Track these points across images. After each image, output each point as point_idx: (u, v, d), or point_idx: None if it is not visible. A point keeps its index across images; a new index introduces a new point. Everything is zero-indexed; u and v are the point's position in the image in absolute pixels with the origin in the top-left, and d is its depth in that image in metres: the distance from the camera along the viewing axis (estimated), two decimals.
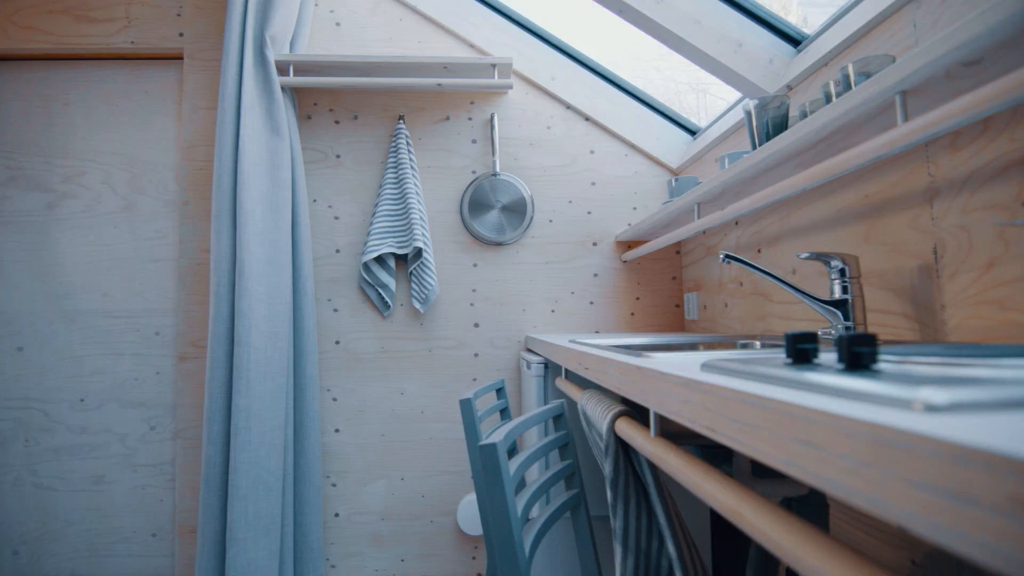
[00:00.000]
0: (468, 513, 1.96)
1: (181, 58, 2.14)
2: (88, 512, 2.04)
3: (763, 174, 1.21)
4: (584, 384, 1.37)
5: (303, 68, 1.99)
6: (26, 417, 2.04)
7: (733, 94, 1.81)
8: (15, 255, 2.09)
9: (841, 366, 0.44)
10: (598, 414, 0.97)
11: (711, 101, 2.24)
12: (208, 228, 2.03)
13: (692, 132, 2.13)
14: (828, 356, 0.58)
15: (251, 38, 1.89)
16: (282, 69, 1.95)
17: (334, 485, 2.01)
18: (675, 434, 0.89)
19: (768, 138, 1.19)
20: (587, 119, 2.13)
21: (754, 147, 1.22)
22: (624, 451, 0.94)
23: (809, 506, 1.01)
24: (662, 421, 0.75)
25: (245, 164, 1.81)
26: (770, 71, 1.50)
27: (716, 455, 1.09)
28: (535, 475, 1.49)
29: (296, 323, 1.92)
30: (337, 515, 2.00)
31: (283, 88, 1.95)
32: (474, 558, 2.00)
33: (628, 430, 0.83)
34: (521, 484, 1.17)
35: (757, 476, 1.07)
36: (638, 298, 2.10)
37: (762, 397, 0.40)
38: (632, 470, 0.93)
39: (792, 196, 1.23)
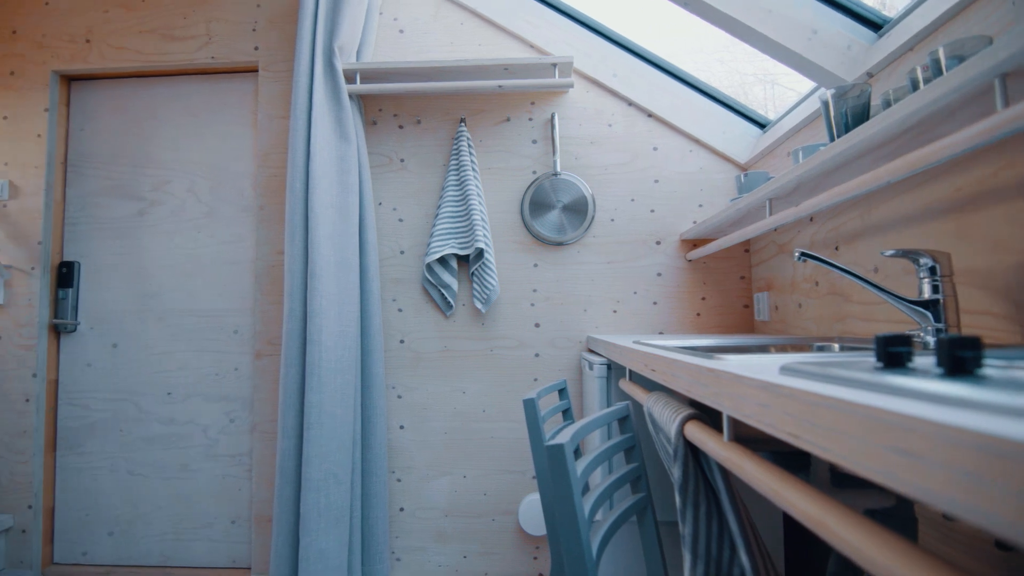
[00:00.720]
0: (530, 513, 1.96)
1: (256, 70, 2.25)
2: (174, 498, 2.19)
3: (841, 167, 1.15)
4: (649, 386, 1.34)
5: (369, 75, 2.05)
6: (121, 408, 2.21)
7: (805, 84, 1.72)
8: (109, 259, 2.27)
9: (940, 371, 0.41)
10: (666, 417, 0.94)
11: (780, 92, 2.15)
12: (282, 231, 2.13)
13: (761, 125, 2.05)
14: (923, 360, 0.54)
15: (321, 48, 1.97)
16: (349, 77, 2.02)
17: (399, 480, 2.06)
18: (748, 439, 0.86)
19: (847, 129, 1.13)
20: (649, 115, 2.09)
21: (832, 139, 1.16)
22: (694, 455, 0.91)
23: (895, 519, 0.95)
24: (736, 425, 0.73)
25: (316, 170, 1.89)
26: (848, 58, 1.42)
27: (791, 462, 1.04)
28: (597, 479, 1.48)
29: (363, 322, 1.99)
30: (402, 510, 2.05)
31: (350, 95, 2.02)
32: (535, 558, 2.00)
33: (699, 434, 0.80)
34: (584, 488, 1.16)
35: (836, 486, 1.02)
36: (704, 298, 2.04)
37: (854, 403, 0.37)
38: (702, 475, 0.91)
39: (874, 190, 1.16)
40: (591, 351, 1.92)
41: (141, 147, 2.29)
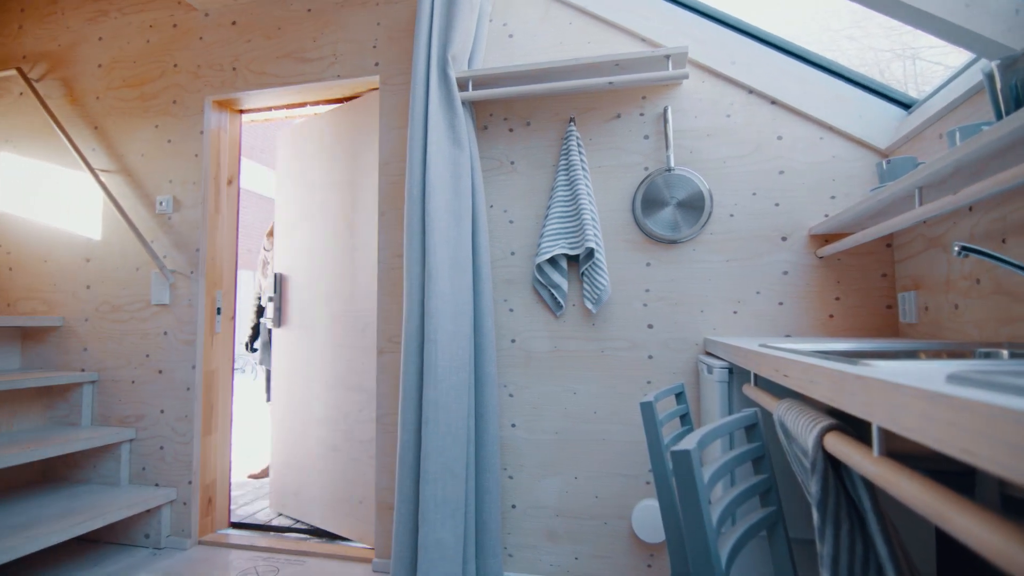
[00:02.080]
0: (644, 519, 1.91)
1: (377, 89, 2.40)
2: (326, 474, 2.52)
3: (1011, 149, 1.00)
4: (778, 392, 1.25)
5: (480, 81, 2.10)
6: (297, 392, 2.50)
7: (955, 57, 1.52)
8: (293, 272, 2.59)
9: None
10: (801, 427, 0.87)
11: (923, 68, 1.93)
12: (400, 236, 2.25)
13: (904, 105, 1.85)
14: None
15: (435, 60, 2.05)
16: (462, 85, 2.09)
17: (511, 478, 2.09)
18: (900, 454, 0.77)
19: (1018, 105, 0.98)
20: (773, 102, 1.96)
21: (998, 116, 1.02)
22: (834, 469, 0.84)
23: None
24: (888, 439, 0.66)
25: (432, 176, 1.97)
26: (1016, 24, 1.24)
27: (949, 482, 0.92)
28: (718, 492, 1.40)
29: (476, 322, 2.04)
30: (514, 507, 2.08)
31: (463, 102, 2.09)
32: (649, 566, 1.95)
33: (841, 447, 0.74)
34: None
35: (1009, 511, 0.89)
36: (837, 298, 1.87)
37: None
38: (844, 491, 0.83)
39: None
40: (709, 354, 1.83)
41: (303, 172, 2.71)
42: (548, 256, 2.00)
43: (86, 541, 2.45)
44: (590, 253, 1.97)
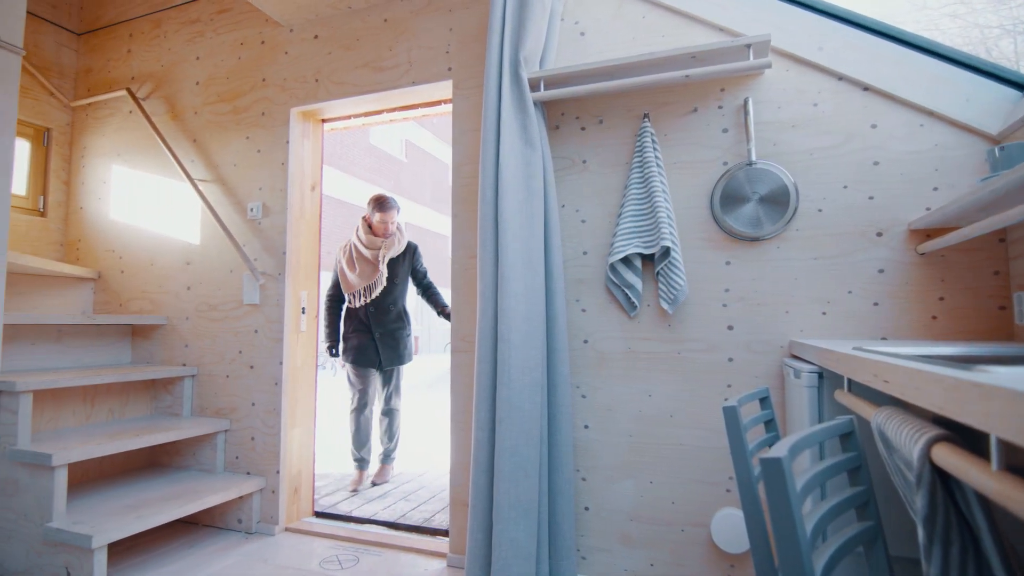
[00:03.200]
0: (724, 528, 1.84)
1: (450, 101, 2.45)
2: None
3: None
4: (875, 399, 1.17)
5: (552, 81, 2.10)
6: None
7: None
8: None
9: None
10: (904, 437, 0.81)
11: None
12: (473, 236, 2.28)
13: (1018, 86, 1.68)
14: None
15: (508, 61, 2.06)
16: (533, 85, 2.09)
17: (584, 479, 2.07)
18: (1019, 468, 0.70)
19: None
20: (865, 88, 1.83)
21: None
22: (943, 483, 0.77)
23: None
24: (1008, 452, 0.60)
25: (504, 177, 1.99)
26: None
27: None
28: (807, 505, 1.32)
29: (548, 322, 2.04)
30: (587, 508, 2.06)
31: (535, 103, 2.09)
32: None
33: (952, 459, 0.68)
34: None
35: None
36: (941, 298, 1.72)
37: None
38: (954, 507, 0.76)
39: None
40: (795, 357, 1.73)
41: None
42: (622, 255, 1.97)
43: (186, 523, 2.65)
44: (666, 252, 1.92)
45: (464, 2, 2.37)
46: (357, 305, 3.20)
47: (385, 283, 3.20)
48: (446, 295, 10.34)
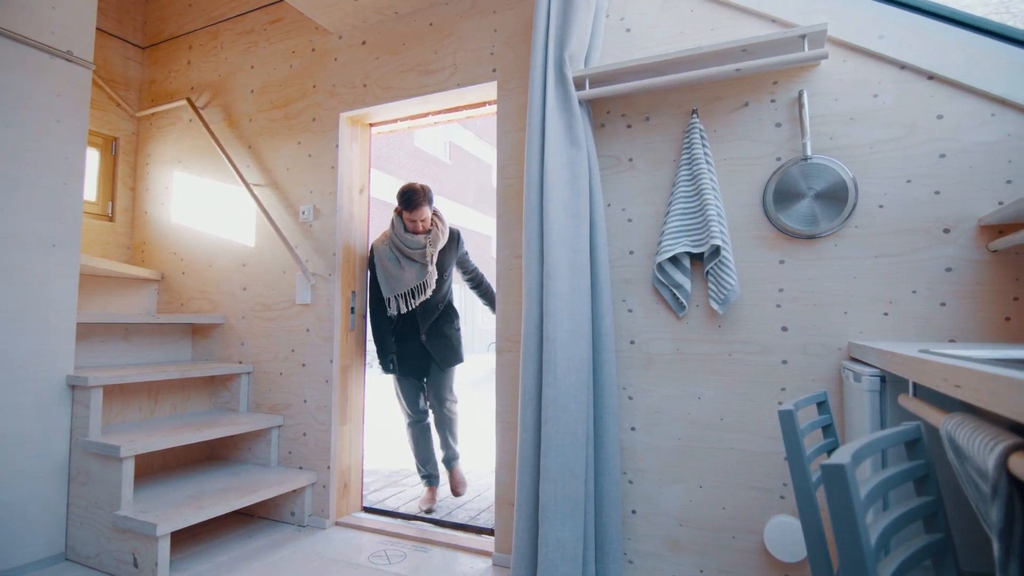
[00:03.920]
0: (777, 535, 1.78)
1: (495, 102, 2.46)
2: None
3: None
4: (943, 405, 1.11)
5: (597, 79, 2.07)
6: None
7: None
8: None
9: None
10: (977, 445, 0.76)
11: None
12: (517, 236, 2.28)
13: None
14: None
15: (552, 61, 2.05)
16: (578, 84, 2.07)
17: (631, 482, 2.04)
18: None
19: None
20: (930, 77, 1.74)
21: None
22: (1020, 495, 0.72)
23: None
24: None
25: (550, 177, 1.98)
26: None
27: None
28: (870, 515, 1.26)
29: (594, 323, 2.02)
30: (634, 512, 2.03)
31: (580, 101, 2.07)
32: None
33: None
34: None
35: None
36: (1016, 298, 1.62)
37: None
38: None
39: None
40: (855, 359, 1.66)
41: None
42: (670, 255, 1.93)
43: (242, 514, 2.75)
44: (716, 251, 1.87)
45: (508, 3, 2.38)
46: (404, 311, 2.77)
47: (435, 284, 2.82)
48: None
